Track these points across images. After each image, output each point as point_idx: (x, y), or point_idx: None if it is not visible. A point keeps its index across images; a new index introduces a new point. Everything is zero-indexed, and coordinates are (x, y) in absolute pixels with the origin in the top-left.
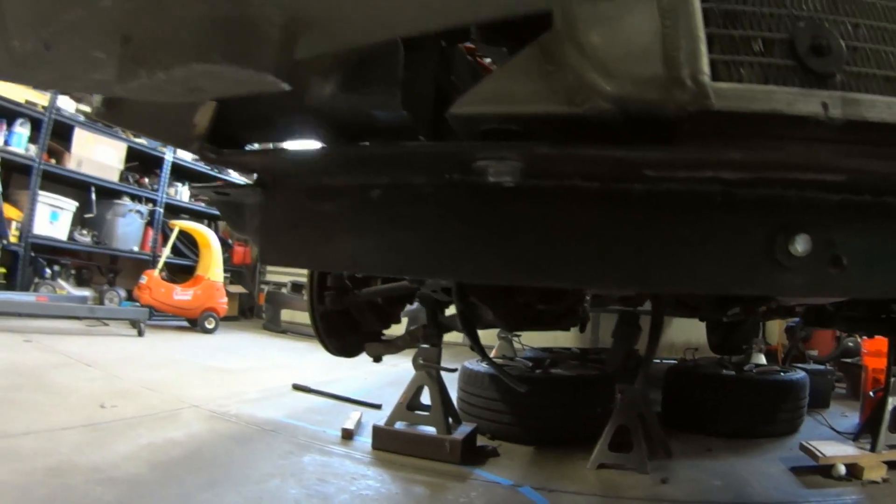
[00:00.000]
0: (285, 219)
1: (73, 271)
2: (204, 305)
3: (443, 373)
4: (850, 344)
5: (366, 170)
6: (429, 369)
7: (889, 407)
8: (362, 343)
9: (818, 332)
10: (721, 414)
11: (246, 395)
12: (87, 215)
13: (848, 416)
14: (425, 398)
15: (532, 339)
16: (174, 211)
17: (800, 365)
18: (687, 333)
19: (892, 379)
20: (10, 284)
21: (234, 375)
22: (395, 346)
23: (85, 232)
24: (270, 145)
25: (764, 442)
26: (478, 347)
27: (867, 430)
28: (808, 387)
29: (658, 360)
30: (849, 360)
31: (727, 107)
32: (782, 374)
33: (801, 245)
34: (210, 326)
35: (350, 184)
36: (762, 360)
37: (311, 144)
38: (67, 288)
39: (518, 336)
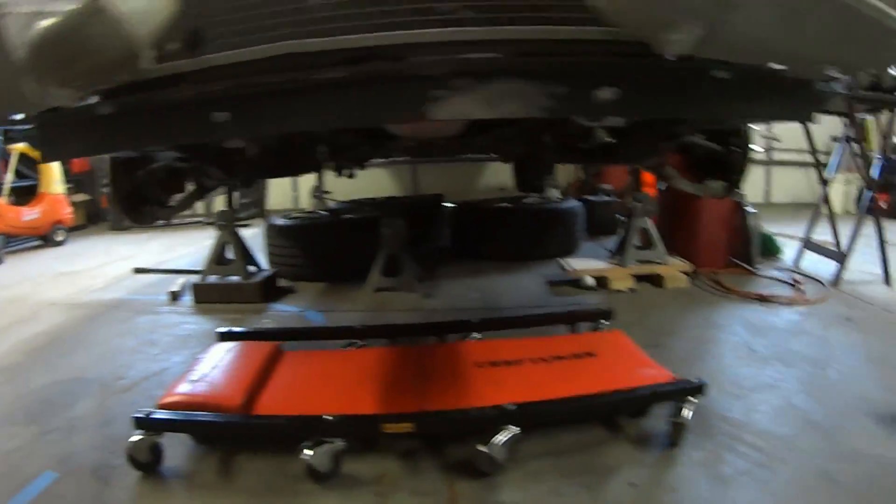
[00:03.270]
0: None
1: None
2: (52, 220)
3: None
4: None
5: None
6: (227, 228)
7: (636, 228)
8: (154, 212)
9: (612, 168)
10: (497, 242)
11: (94, 287)
12: None
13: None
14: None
15: (350, 193)
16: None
17: (589, 197)
18: (500, 177)
19: (637, 204)
20: None
21: (83, 275)
22: (175, 210)
23: None
24: None
25: (537, 264)
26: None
27: (619, 249)
28: (580, 214)
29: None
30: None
31: None
32: (554, 204)
33: None
34: (60, 238)
35: None
36: (556, 194)
37: None
38: None
39: (329, 193)
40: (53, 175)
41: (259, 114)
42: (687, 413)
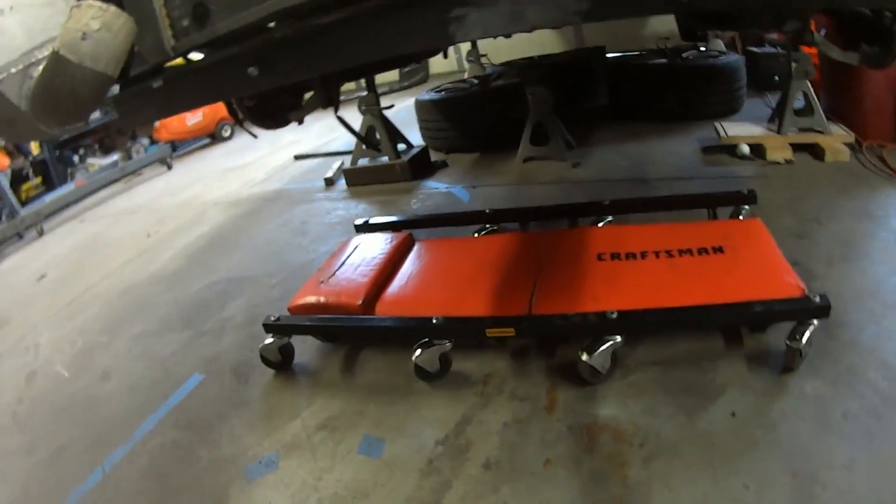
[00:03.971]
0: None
1: (96, 146)
2: (216, 119)
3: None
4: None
5: None
6: (371, 111)
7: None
8: (286, 115)
9: None
10: (653, 101)
11: (255, 180)
12: None
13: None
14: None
15: (510, 52)
16: None
17: (754, 48)
18: (666, 24)
19: (793, 64)
20: (51, 187)
21: (246, 168)
22: (305, 109)
23: None
24: None
25: (695, 125)
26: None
27: (777, 114)
28: (741, 70)
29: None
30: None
31: None
32: (715, 58)
33: None
34: (227, 134)
35: None
36: (720, 45)
37: None
38: (97, 162)
39: (485, 56)
40: None
41: (277, 65)
42: (804, 338)
